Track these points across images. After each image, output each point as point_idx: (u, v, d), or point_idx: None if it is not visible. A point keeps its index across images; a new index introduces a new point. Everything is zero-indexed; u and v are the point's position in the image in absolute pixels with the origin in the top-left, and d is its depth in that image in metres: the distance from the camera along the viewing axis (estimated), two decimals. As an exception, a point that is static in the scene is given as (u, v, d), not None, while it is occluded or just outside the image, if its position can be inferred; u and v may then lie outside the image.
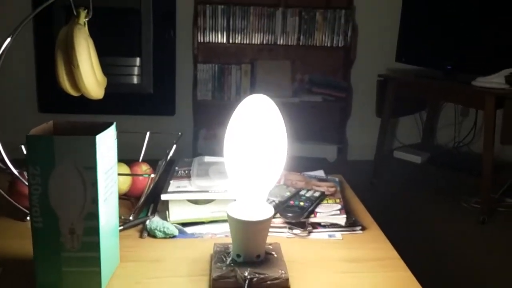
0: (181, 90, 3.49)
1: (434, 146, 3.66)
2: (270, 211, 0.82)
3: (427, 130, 3.66)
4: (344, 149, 3.63)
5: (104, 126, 0.77)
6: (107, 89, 1.11)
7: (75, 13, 1.03)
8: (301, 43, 3.44)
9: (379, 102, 3.25)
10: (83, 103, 1.86)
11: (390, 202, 2.95)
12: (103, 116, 3.24)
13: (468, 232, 2.59)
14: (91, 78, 1.00)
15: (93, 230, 0.73)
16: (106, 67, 1.11)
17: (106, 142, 0.75)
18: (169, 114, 3.49)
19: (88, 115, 3.24)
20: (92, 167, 0.71)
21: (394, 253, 0.94)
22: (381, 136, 3.23)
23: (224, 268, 0.80)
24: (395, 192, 3.12)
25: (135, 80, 3.40)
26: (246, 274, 0.78)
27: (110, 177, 0.78)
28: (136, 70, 3.39)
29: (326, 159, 3.48)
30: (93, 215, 0.73)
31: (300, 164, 1.49)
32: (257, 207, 0.82)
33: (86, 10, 1.04)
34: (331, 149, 3.51)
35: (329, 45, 3.45)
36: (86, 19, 1.04)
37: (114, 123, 0.79)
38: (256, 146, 0.78)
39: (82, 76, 0.99)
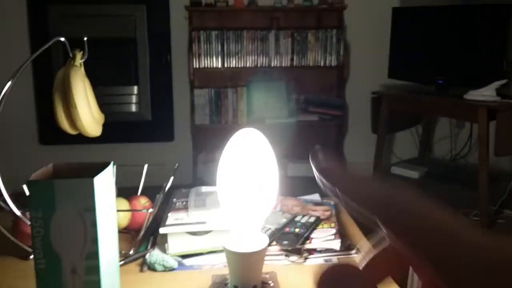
0: (179, 115, 3.53)
1: (431, 159, 3.69)
2: (265, 241, 0.85)
3: (424, 144, 3.70)
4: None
5: (102, 166, 0.80)
6: (106, 119, 1.15)
7: (71, 55, 1.07)
8: (294, 64, 3.49)
9: (374, 118, 3.30)
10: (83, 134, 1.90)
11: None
12: (103, 145, 3.28)
13: (468, 245, 2.59)
14: (89, 117, 1.04)
15: (94, 269, 0.76)
16: (104, 97, 1.16)
17: (105, 182, 0.79)
18: (168, 140, 3.54)
19: (88, 145, 3.27)
20: (91, 209, 0.74)
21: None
22: (378, 152, 3.27)
23: (222, 299, 0.82)
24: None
25: (133, 108, 3.45)
26: (244, 304, 0.80)
27: (110, 215, 0.81)
28: (134, 98, 3.44)
29: (325, 177, 3.50)
30: (94, 255, 0.75)
31: (298, 184, 1.51)
32: (252, 237, 0.85)
33: (82, 52, 1.08)
34: (330, 167, 3.53)
35: (322, 64, 3.51)
36: (82, 60, 1.08)
37: (112, 163, 0.83)
38: (247, 180, 0.82)
39: (80, 116, 1.02)
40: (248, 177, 0.82)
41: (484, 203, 2.70)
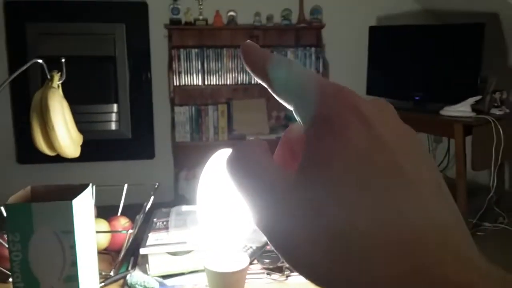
0: (159, 133, 3.52)
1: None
2: (246, 260, 0.85)
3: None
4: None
5: (81, 188, 0.80)
6: (85, 137, 1.14)
7: (48, 76, 1.07)
8: (274, 81, 3.52)
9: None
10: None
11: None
12: (82, 163, 3.24)
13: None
14: (67, 139, 1.03)
15: (73, 292, 0.75)
16: (83, 115, 1.16)
17: (83, 204, 0.78)
18: (149, 158, 3.51)
19: (67, 164, 3.23)
20: (69, 231, 0.74)
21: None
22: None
23: (203, 319, 0.82)
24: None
25: (113, 126, 3.43)
26: (225, 324, 0.80)
27: (88, 237, 0.80)
28: (114, 116, 3.42)
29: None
30: (73, 277, 0.75)
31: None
32: (233, 256, 0.86)
33: (60, 73, 1.08)
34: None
35: (302, 82, 3.54)
36: (60, 82, 1.08)
37: (90, 185, 0.82)
38: (227, 199, 0.82)
39: (58, 137, 1.02)
40: (227, 196, 0.82)
41: (463, 216, 2.72)
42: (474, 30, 2.85)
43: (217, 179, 0.83)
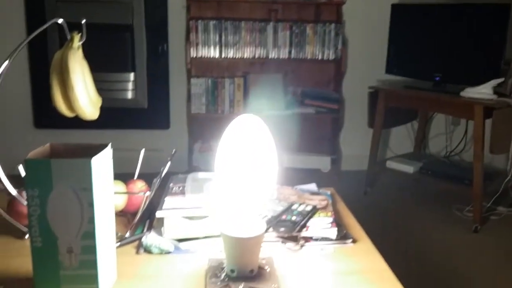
0: (175, 104, 3.52)
1: (426, 155, 3.70)
2: (262, 227, 0.85)
3: (419, 139, 3.71)
4: (337, 159, 3.66)
5: (100, 148, 0.80)
6: (102, 104, 1.14)
7: (68, 37, 1.06)
8: (292, 57, 3.48)
9: (370, 113, 3.30)
10: (78, 119, 1.87)
11: (383, 211, 2.98)
12: (98, 131, 3.27)
13: (461, 241, 2.62)
14: (86, 100, 1.03)
15: (90, 248, 0.76)
16: (100, 83, 1.14)
17: (102, 164, 0.78)
18: (164, 128, 3.53)
19: (83, 130, 3.27)
20: (88, 189, 0.73)
21: (384, 266, 0.97)
22: (374, 146, 3.27)
23: (218, 283, 0.82)
24: (388, 201, 3.15)
25: (129, 95, 3.44)
26: (239, 288, 0.80)
27: (106, 196, 0.80)
28: (130, 85, 3.42)
29: (320, 169, 3.51)
30: (90, 234, 0.75)
31: (294, 175, 1.52)
32: (249, 223, 0.85)
33: (80, 34, 1.07)
34: (325, 160, 3.54)
35: (320, 58, 3.50)
36: (80, 43, 1.07)
37: (110, 144, 0.82)
38: (246, 165, 0.81)
39: (77, 98, 1.01)
40: (247, 162, 0.81)
41: (478, 199, 2.71)
42: (499, 11, 2.77)
43: (236, 145, 0.82)
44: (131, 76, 3.42)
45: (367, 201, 3.14)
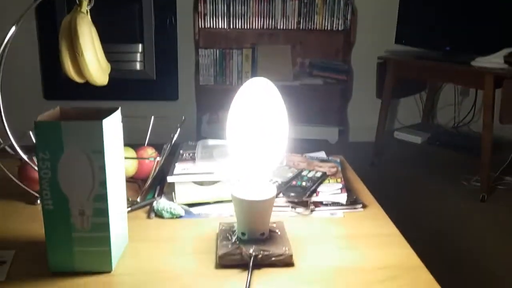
0: (183, 75, 3.50)
1: (434, 126, 3.68)
2: (273, 190, 0.85)
3: (427, 110, 3.68)
4: (345, 131, 3.65)
5: (110, 111, 0.79)
6: (111, 75, 1.13)
7: (77, 1, 1.04)
8: (301, 27, 3.43)
9: (379, 84, 3.27)
10: (87, 90, 1.88)
11: (391, 182, 2.98)
12: (107, 102, 3.26)
13: (468, 210, 2.62)
14: (96, 65, 1.02)
15: (102, 211, 0.76)
16: (109, 54, 1.13)
17: (113, 127, 0.78)
18: (172, 99, 3.52)
19: (92, 101, 3.26)
20: (99, 151, 0.73)
21: (395, 230, 0.97)
22: (382, 117, 3.25)
23: (229, 246, 0.83)
24: (395, 172, 3.15)
25: (138, 66, 3.42)
26: (251, 251, 0.81)
27: (117, 160, 0.80)
28: (138, 57, 3.41)
29: (328, 141, 3.51)
30: (102, 197, 0.75)
31: (302, 146, 1.51)
32: (260, 187, 0.85)
33: (88, -2, 1.05)
34: (333, 131, 3.53)
35: (329, 28, 3.45)
36: (89, 7, 1.06)
37: (119, 108, 0.82)
38: (257, 128, 0.81)
39: (87, 63, 1.01)
40: (258, 124, 0.81)
41: (486, 169, 2.70)
42: (513, -22, 2.71)
43: (247, 108, 0.81)
44: (139, 47, 3.39)
45: (375, 172, 3.14)
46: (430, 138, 3.18)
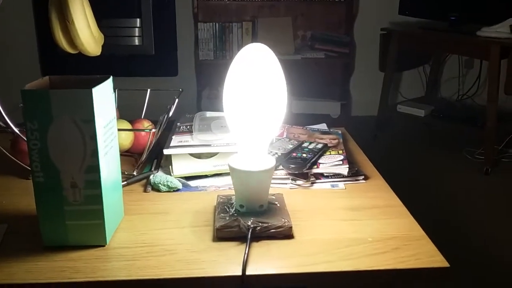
0: (182, 50, 3.45)
1: (438, 99, 3.63)
2: (272, 161, 0.82)
3: (431, 83, 3.63)
4: (347, 105, 3.61)
5: (102, 80, 0.76)
6: (108, 51, 1.10)
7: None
8: (302, -1, 3.37)
9: (382, 56, 3.21)
10: (85, 65, 1.83)
11: (394, 155, 2.96)
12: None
13: (472, 183, 2.60)
14: (87, 34, 0.98)
15: (95, 183, 0.73)
16: (106, 29, 1.10)
17: (104, 95, 0.75)
18: (172, 75, 3.47)
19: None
20: (90, 120, 0.70)
21: (397, 201, 0.94)
22: (385, 90, 3.21)
23: (227, 218, 0.80)
24: (398, 145, 3.12)
25: (136, 41, 3.36)
26: (249, 223, 0.78)
27: (110, 130, 0.77)
28: (136, 31, 3.34)
29: (330, 115, 3.47)
30: (94, 168, 0.73)
31: (303, 120, 1.47)
32: (258, 158, 0.82)
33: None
34: (335, 105, 3.49)
35: (330, -1, 3.38)
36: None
37: (111, 77, 0.78)
38: (255, 96, 0.77)
39: (78, 32, 0.97)
40: (256, 92, 0.77)
41: (490, 141, 2.66)
42: None
43: (244, 77, 0.78)
44: (137, 22, 3.33)
45: (377, 146, 3.11)
46: (434, 111, 3.14)
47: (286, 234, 0.79)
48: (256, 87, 0.77)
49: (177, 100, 1.08)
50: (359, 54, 3.55)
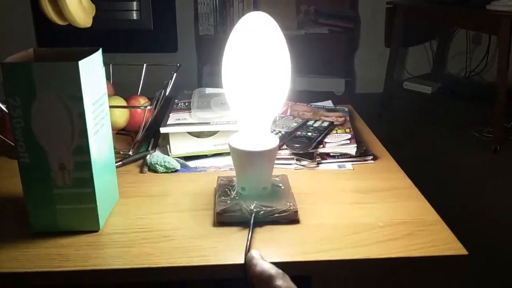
0: (182, 25, 3.36)
1: (445, 76, 3.55)
2: (275, 140, 0.76)
3: (438, 59, 3.54)
4: (352, 82, 3.53)
5: (90, 52, 0.70)
6: (105, 26, 1.03)
7: None
8: (305, -29, 3.26)
9: (388, 31, 3.12)
10: (82, 40, 1.76)
11: (400, 134, 2.89)
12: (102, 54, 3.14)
13: (480, 161, 2.54)
14: (76, 3, 0.92)
15: (84, 164, 0.68)
16: (102, 3, 1.03)
17: (92, 69, 0.69)
18: (171, 51, 3.39)
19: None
20: (77, 96, 0.64)
21: (408, 182, 0.89)
22: (390, 67, 3.13)
23: (228, 201, 0.75)
24: (404, 123, 3.05)
25: (134, 15, 3.27)
26: (252, 207, 0.73)
27: (100, 107, 0.71)
28: (134, 5, 3.25)
29: (334, 92, 3.39)
30: (83, 149, 0.67)
31: (306, 98, 1.41)
32: (261, 137, 0.76)
33: None
34: (339, 82, 3.41)
35: (335, -29, 3.27)
36: None
37: (100, 49, 0.72)
38: (257, 69, 0.71)
39: (66, 1, 0.90)
40: (257, 66, 0.71)
41: (499, 119, 2.59)
42: None
43: (245, 49, 0.71)
44: (135, -5, 3.24)
45: (383, 124, 3.04)
46: (441, 88, 3.06)
47: (291, 218, 0.74)
48: (258, 59, 0.71)
49: (175, 75, 1.01)
50: (364, 29, 3.46)
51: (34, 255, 0.67)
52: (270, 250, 0.68)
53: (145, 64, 1.16)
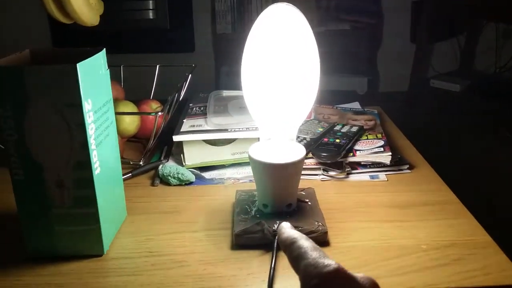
0: (199, 24, 3.28)
1: (473, 72, 3.40)
2: (302, 151, 0.67)
3: (466, 55, 3.39)
4: (375, 80, 3.40)
5: (92, 53, 0.61)
6: (120, 26, 0.95)
7: None
8: (326, -34, 3.15)
9: (413, 26, 3.00)
10: (98, 41, 1.69)
11: (428, 135, 2.76)
12: (116, 55, 3.08)
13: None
14: (80, 1, 0.84)
15: (86, 181, 0.60)
16: (117, 3, 0.95)
17: (94, 72, 0.60)
18: (189, 51, 3.31)
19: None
20: (75, 104, 0.56)
21: (452, 196, 0.79)
22: (416, 63, 3.00)
23: (248, 221, 0.66)
24: (432, 124, 2.92)
25: (150, 15, 3.20)
26: (275, 227, 0.64)
27: (104, 116, 0.63)
28: (150, 4, 3.17)
29: (356, 91, 3.28)
30: (84, 164, 0.59)
31: (327, 98, 1.32)
32: (285, 147, 0.67)
33: None
34: (361, 81, 3.29)
35: (357, -36, 3.16)
36: None
37: (104, 49, 0.64)
38: (281, 68, 0.62)
39: (70, -2, 0.82)
40: (282, 65, 0.62)
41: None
42: None
43: (268, 45, 0.62)
44: (151, -6, 3.17)
45: (408, 124, 2.92)
46: (470, 86, 2.93)
47: (321, 240, 0.65)
48: (283, 57, 0.62)
49: (189, 77, 0.93)
50: (387, 25, 3.33)
51: (28, 285, 0.59)
52: (297, 278, 0.59)
53: (158, 65, 1.08)
